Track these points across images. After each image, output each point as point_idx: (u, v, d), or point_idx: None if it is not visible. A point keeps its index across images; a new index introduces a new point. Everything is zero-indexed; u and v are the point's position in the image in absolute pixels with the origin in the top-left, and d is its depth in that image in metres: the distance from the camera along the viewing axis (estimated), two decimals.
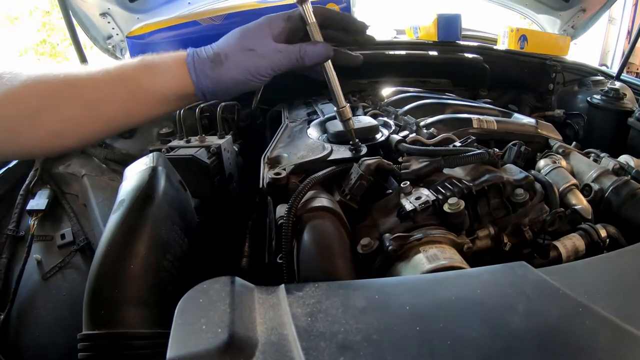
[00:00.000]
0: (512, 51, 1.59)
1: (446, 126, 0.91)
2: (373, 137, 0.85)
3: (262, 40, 0.67)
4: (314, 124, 0.96)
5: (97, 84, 0.63)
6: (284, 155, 0.80)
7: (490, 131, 0.95)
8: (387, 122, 0.93)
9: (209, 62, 0.67)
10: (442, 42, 1.51)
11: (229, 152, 0.98)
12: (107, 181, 1.09)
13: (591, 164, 0.91)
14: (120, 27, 1.57)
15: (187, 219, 0.84)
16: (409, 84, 1.49)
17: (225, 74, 0.67)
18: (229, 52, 0.67)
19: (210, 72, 0.66)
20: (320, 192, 0.68)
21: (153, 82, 0.66)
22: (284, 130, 0.96)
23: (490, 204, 0.70)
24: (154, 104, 0.68)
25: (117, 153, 1.13)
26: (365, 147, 0.78)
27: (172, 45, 1.30)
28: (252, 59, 0.66)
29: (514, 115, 1.11)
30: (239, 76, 0.67)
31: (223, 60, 0.66)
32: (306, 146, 0.83)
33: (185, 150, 0.94)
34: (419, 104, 1.06)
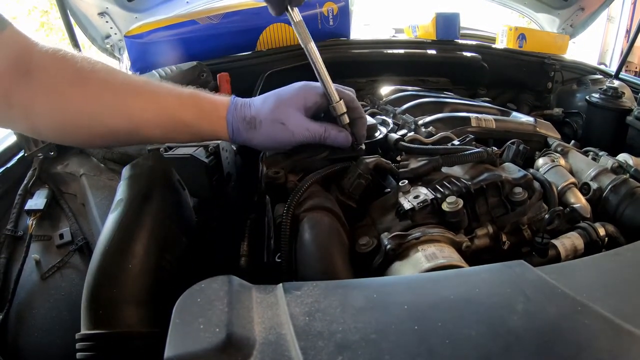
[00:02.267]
0: (510, 50, 1.59)
1: (445, 125, 0.91)
2: (371, 136, 0.85)
3: (294, 115, 0.73)
4: None
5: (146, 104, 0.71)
6: (281, 153, 0.80)
7: (488, 130, 0.94)
8: (386, 121, 0.93)
9: (245, 124, 0.73)
10: (441, 40, 1.51)
11: (227, 151, 0.97)
12: (106, 181, 1.08)
13: (590, 162, 0.91)
14: (118, 26, 1.56)
15: (186, 218, 0.83)
16: (408, 83, 1.49)
17: (256, 137, 0.73)
18: (263, 119, 0.72)
19: (245, 134, 0.73)
20: (318, 191, 0.68)
21: (194, 122, 0.73)
22: None
23: (488, 203, 0.69)
24: (187, 135, 0.76)
25: (116, 153, 1.12)
26: (364, 146, 0.78)
27: (171, 44, 1.30)
28: (281, 132, 0.72)
29: (513, 114, 1.11)
30: (266, 143, 0.75)
31: (257, 126, 0.73)
32: (304, 146, 0.83)
33: (183, 150, 0.93)
34: (418, 102, 1.06)
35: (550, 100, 1.68)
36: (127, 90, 0.71)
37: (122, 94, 0.70)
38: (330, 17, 1.37)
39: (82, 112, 0.69)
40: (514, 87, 1.67)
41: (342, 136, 0.75)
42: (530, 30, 1.72)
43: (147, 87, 0.72)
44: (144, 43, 1.30)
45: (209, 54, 1.33)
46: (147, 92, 0.72)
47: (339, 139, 0.74)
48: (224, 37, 1.30)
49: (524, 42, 1.66)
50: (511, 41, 1.64)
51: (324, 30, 1.39)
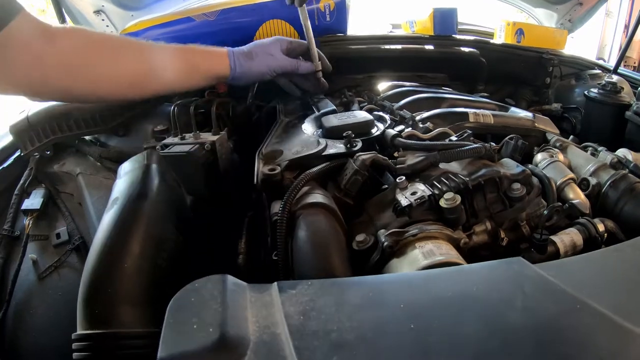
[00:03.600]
0: (508, 45, 1.58)
1: (442, 120, 0.90)
2: (368, 132, 0.84)
3: (277, 50, 1.05)
4: (309, 119, 0.95)
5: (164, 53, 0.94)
6: (278, 150, 0.79)
7: (487, 125, 0.94)
8: (383, 117, 0.92)
9: (244, 55, 1.02)
10: (438, 36, 1.50)
11: (223, 148, 0.97)
12: (102, 180, 1.07)
13: (589, 157, 0.90)
14: (114, 24, 1.56)
15: (182, 216, 0.83)
16: (406, 79, 1.48)
17: (254, 66, 1.03)
18: (257, 52, 1.04)
19: (244, 63, 1.02)
20: (315, 188, 0.68)
21: (204, 63, 0.99)
22: (279, 126, 0.95)
23: (487, 199, 0.69)
24: (198, 78, 1.00)
25: (112, 151, 1.11)
26: (360, 141, 0.77)
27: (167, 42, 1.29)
28: (272, 60, 1.04)
29: (511, 109, 1.10)
30: (263, 69, 1.04)
31: (254, 56, 1.03)
32: (301, 141, 0.82)
33: (179, 147, 0.93)
34: (415, 98, 1.05)
35: (549, 95, 1.67)
36: (144, 45, 0.93)
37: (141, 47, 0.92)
38: (327, 13, 1.36)
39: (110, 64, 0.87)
40: (512, 82, 1.66)
41: (309, 65, 1.10)
42: (528, 25, 1.70)
43: (159, 44, 0.96)
44: None
45: None
46: (161, 46, 0.95)
47: (306, 66, 1.10)
48: (220, 34, 1.29)
49: (522, 38, 1.65)
50: (509, 36, 1.63)
51: (321, 26, 1.37)
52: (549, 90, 1.67)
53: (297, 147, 0.80)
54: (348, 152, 0.75)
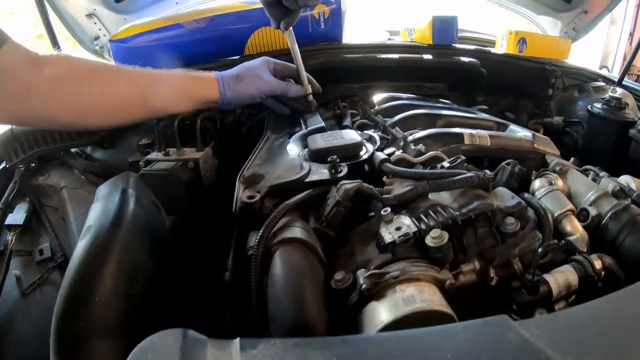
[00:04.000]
0: (510, 55, 1.54)
1: (436, 142, 0.86)
2: (356, 155, 0.80)
3: (266, 72, 1.04)
4: (295, 138, 0.92)
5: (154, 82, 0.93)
6: (259, 174, 0.76)
7: (483, 148, 0.90)
8: (373, 137, 0.88)
9: (233, 79, 1.01)
10: (437, 45, 1.46)
11: (208, 165, 0.93)
12: (86, 194, 1.05)
13: (589, 184, 0.86)
14: (107, 28, 1.53)
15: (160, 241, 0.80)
16: (403, 89, 1.44)
17: (243, 89, 1.01)
18: (246, 74, 1.02)
19: (233, 87, 1.01)
20: (294, 221, 0.64)
21: (193, 89, 0.98)
22: (264, 144, 0.92)
23: (477, 234, 0.65)
24: (187, 103, 0.98)
25: (97, 165, 1.08)
26: (346, 167, 0.74)
27: (156, 49, 1.26)
28: (261, 82, 1.03)
29: (510, 127, 1.06)
30: (252, 92, 1.03)
31: (242, 79, 1.02)
32: (284, 164, 0.79)
33: (161, 164, 0.90)
34: (410, 114, 1.01)
35: (551, 107, 1.62)
36: (131, 71, 0.92)
37: (128, 74, 0.91)
38: (321, 20, 1.33)
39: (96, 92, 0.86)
40: (513, 94, 1.62)
41: (299, 88, 1.08)
42: (531, 34, 1.66)
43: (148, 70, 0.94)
44: (129, 47, 1.26)
45: (196, 59, 1.28)
46: (149, 72, 0.94)
47: (296, 89, 1.08)
48: (211, 41, 1.26)
49: (525, 47, 1.60)
50: (511, 46, 1.58)
51: (315, 34, 1.34)
52: (550, 102, 1.62)
53: (280, 170, 0.76)
54: (332, 179, 0.71)
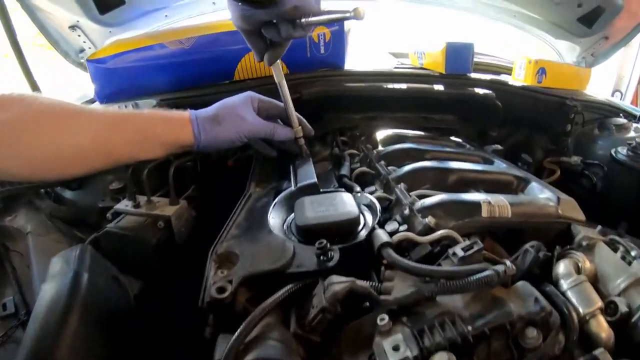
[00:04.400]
0: (529, 88, 1.41)
1: (448, 214, 0.74)
2: (352, 232, 0.68)
3: (249, 112, 0.88)
4: (281, 200, 0.79)
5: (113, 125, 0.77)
6: (235, 252, 0.64)
7: (503, 221, 0.77)
8: (373, 205, 0.76)
9: (209, 121, 0.85)
10: (451, 75, 1.32)
11: (182, 221, 0.82)
12: (52, 243, 0.93)
13: (619, 265, 0.73)
14: (92, 40, 1.40)
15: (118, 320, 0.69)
16: (410, 121, 1.32)
17: (221, 132, 0.86)
18: (225, 115, 0.86)
19: (210, 130, 0.85)
20: (270, 328, 0.53)
21: (162, 132, 0.82)
22: (244, 204, 0.79)
23: (491, 348, 0.54)
24: (155, 149, 0.82)
25: (63, 209, 0.97)
26: (338, 252, 0.61)
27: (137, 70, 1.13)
28: (242, 124, 0.87)
29: (532, 185, 0.94)
30: (232, 135, 0.87)
31: (221, 121, 0.85)
32: (264, 242, 0.66)
33: (130, 220, 0.78)
34: (418, 168, 0.89)
35: (568, 144, 1.50)
36: (90, 114, 0.77)
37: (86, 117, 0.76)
38: (321, 45, 1.19)
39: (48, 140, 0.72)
40: (528, 127, 1.49)
41: (287, 131, 0.93)
42: (551, 64, 1.52)
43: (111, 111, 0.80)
44: (107, 68, 1.12)
45: (180, 83, 1.15)
46: (111, 114, 0.79)
47: (284, 132, 0.92)
48: (197, 64, 1.13)
49: (544, 77, 1.48)
50: (530, 76, 1.45)
51: (314, 60, 1.20)
52: (568, 138, 1.50)
53: (259, 248, 0.64)
54: (320, 269, 0.59)
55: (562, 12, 1.73)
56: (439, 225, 0.71)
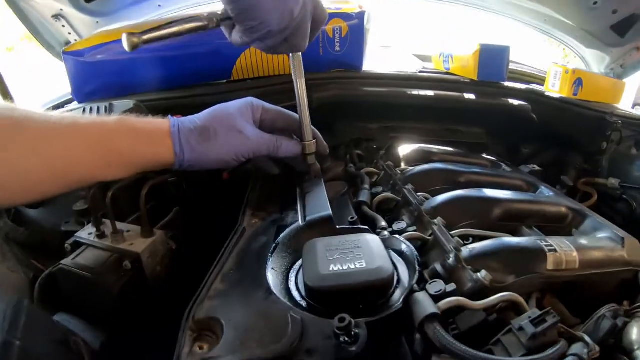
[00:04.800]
0: (568, 100, 1.25)
1: (507, 266, 0.56)
2: (384, 295, 0.50)
3: (248, 124, 0.69)
4: (285, 241, 0.61)
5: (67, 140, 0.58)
6: (217, 317, 0.46)
7: (569, 273, 0.60)
8: (409, 253, 0.58)
9: (196, 134, 0.65)
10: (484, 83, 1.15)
11: (158, 257, 0.64)
12: (5, 272, 0.75)
13: None
14: (77, 31, 1.24)
15: None
16: (434, 133, 1.15)
17: (212, 150, 0.66)
18: (218, 128, 0.66)
19: (197, 146, 0.65)
20: None
21: (131, 148, 0.62)
22: (235, 244, 0.61)
23: None
24: (125, 168, 0.63)
25: (20, 232, 0.79)
26: (364, 330, 0.44)
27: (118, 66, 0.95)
28: (238, 141, 0.67)
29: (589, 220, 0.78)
30: (225, 156, 0.67)
31: (212, 136, 0.66)
32: (261, 310, 0.48)
33: (90, 256, 0.61)
34: (458, 198, 0.72)
35: (602, 163, 1.35)
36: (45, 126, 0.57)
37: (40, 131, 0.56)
38: (336, 41, 1.01)
39: None
40: (561, 144, 1.33)
41: (293, 145, 0.74)
42: (588, 74, 1.37)
43: (66, 119, 0.59)
44: (84, 62, 0.94)
45: (169, 82, 0.97)
46: (67, 125, 0.58)
47: (290, 148, 0.73)
48: (189, 59, 0.95)
49: (580, 89, 1.31)
50: (566, 87, 1.29)
51: (328, 58, 1.02)
52: (603, 157, 1.34)
53: (253, 321, 0.46)
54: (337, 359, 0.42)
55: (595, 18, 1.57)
56: (495, 281, 0.54)
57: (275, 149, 0.71)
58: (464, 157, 1.02)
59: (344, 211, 0.71)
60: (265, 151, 0.70)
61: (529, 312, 0.49)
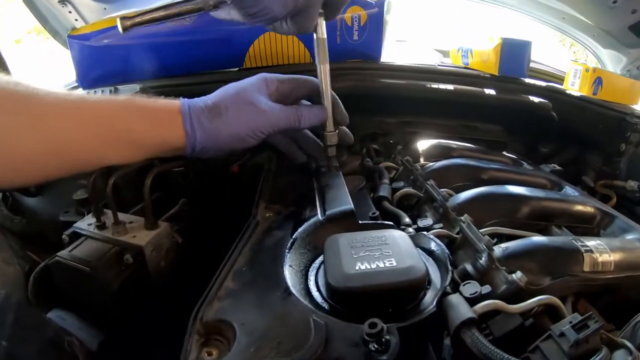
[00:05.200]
0: (588, 99, 1.21)
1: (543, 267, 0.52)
2: (415, 298, 0.46)
3: (262, 98, 0.64)
4: (303, 236, 0.56)
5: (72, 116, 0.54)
6: (228, 320, 0.42)
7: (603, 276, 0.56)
8: (436, 253, 0.53)
9: (207, 112, 0.61)
10: (505, 77, 1.11)
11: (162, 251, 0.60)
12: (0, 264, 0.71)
13: None
14: (84, 17, 1.19)
15: None
16: (452, 129, 1.11)
17: (224, 127, 0.61)
18: (229, 104, 0.62)
19: (208, 124, 0.60)
20: None
21: (139, 127, 0.58)
22: (248, 240, 0.56)
23: None
24: (134, 149, 0.58)
25: (16, 221, 0.75)
26: (396, 337, 0.39)
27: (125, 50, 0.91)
28: (253, 114, 0.62)
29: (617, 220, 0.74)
30: (239, 131, 0.62)
31: (223, 111, 0.61)
32: (278, 312, 0.43)
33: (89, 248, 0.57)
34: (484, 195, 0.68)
35: (620, 165, 1.31)
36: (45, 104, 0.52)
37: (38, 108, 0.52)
38: (355, 29, 0.96)
39: None
40: (580, 145, 1.29)
41: (316, 111, 0.68)
42: (607, 73, 1.33)
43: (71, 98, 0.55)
44: (90, 46, 0.91)
45: (178, 68, 0.93)
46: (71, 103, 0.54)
47: (313, 115, 0.67)
48: (200, 45, 0.90)
49: (600, 89, 1.27)
50: (586, 85, 1.25)
51: (345, 48, 0.98)
52: (621, 159, 1.31)
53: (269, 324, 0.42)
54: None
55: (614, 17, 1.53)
56: (530, 283, 0.50)
57: (297, 119, 0.65)
58: (484, 153, 0.97)
59: (363, 206, 0.67)
60: (285, 124, 0.64)
61: (570, 316, 0.45)
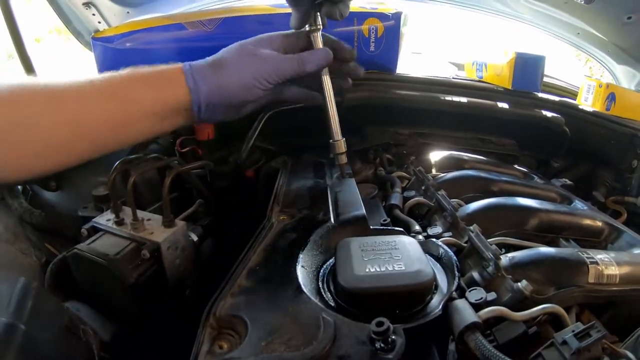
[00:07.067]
0: (601, 115, 1.21)
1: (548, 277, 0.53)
2: (422, 301, 0.47)
3: (262, 47, 0.65)
4: (316, 239, 0.58)
5: (82, 96, 0.56)
6: (241, 316, 0.43)
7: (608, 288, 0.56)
8: (444, 259, 0.55)
9: (208, 67, 0.63)
10: (519, 92, 1.12)
11: (178, 249, 0.62)
12: (17, 254, 0.73)
13: None
14: (107, 20, 1.22)
15: None
16: (464, 142, 1.12)
17: (228, 78, 0.62)
18: (230, 57, 0.64)
19: (211, 77, 0.61)
20: None
21: (144, 93, 0.59)
22: (262, 240, 0.58)
23: None
24: (146, 120, 0.60)
25: (36, 214, 0.77)
26: (402, 338, 0.41)
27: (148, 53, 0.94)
28: (254, 63, 0.63)
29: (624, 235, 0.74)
30: (243, 80, 0.62)
31: (224, 64, 0.63)
32: (289, 310, 0.45)
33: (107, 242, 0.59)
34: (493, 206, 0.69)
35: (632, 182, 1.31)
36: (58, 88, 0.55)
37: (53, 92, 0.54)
38: (372, 40, 0.98)
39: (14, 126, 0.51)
40: (591, 161, 1.29)
41: (319, 53, 0.67)
42: (621, 89, 1.33)
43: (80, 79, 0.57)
44: (114, 49, 0.94)
45: None
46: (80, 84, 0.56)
47: (317, 57, 0.67)
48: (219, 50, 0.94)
49: (613, 105, 1.27)
50: (599, 101, 1.25)
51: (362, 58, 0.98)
52: (632, 175, 1.30)
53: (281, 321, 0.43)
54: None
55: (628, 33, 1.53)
56: (535, 292, 0.51)
57: (301, 64, 0.65)
58: (495, 166, 0.98)
59: (374, 213, 0.69)
60: (289, 70, 0.64)
61: (572, 325, 0.46)
